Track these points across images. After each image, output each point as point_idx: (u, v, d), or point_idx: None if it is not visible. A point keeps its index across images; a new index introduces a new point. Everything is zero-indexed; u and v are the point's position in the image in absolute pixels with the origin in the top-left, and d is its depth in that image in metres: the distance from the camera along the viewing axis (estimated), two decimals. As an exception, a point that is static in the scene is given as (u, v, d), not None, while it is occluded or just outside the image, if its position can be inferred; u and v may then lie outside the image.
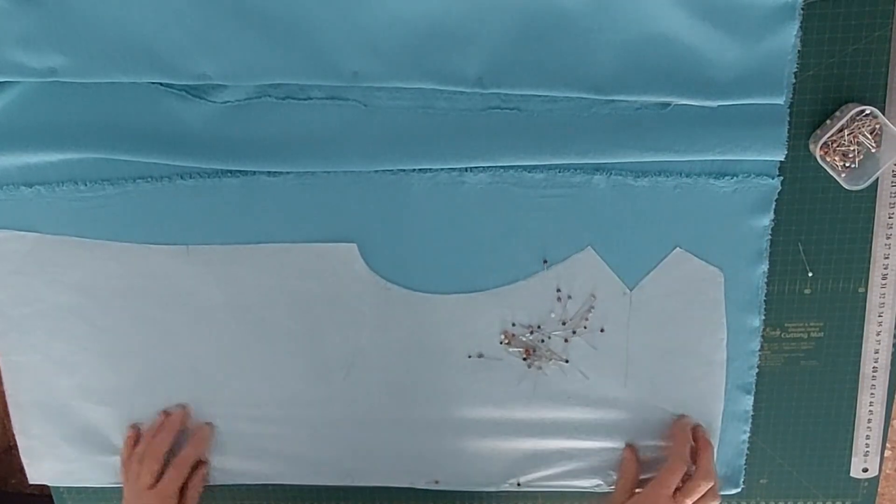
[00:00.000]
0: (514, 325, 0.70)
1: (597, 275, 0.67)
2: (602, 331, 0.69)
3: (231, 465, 0.77)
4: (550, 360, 0.71)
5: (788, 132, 0.62)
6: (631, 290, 0.68)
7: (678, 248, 0.66)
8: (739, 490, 0.75)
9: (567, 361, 0.71)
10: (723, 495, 0.75)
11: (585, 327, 0.69)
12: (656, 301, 0.68)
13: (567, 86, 0.60)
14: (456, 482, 0.76)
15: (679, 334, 0.69)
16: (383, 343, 0.71)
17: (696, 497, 0.65)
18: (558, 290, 0.68)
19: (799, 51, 0.60)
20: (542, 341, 0.70)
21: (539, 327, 0.70)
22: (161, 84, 0.62)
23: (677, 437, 0.69)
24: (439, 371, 0.71)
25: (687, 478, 0.66)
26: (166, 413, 0.74)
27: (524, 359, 0.71)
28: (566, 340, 0.70)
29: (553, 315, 0.69)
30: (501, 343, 0.70)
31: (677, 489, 0.65)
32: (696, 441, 0.70)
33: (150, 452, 0.72)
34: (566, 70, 0.59)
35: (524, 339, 0.70)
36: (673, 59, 0.59)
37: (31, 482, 0.79)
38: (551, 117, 0.62)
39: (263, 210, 0.67)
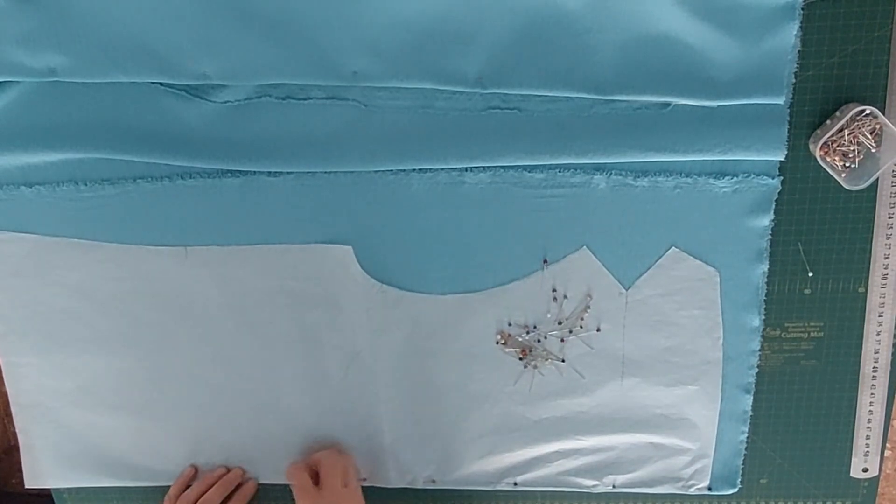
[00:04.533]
0: (510, 325, 0.70)
1: (592, 275, 0.67)
2: (598, 330, 0.69)
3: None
4: (547, 359, 0.71)
5: (788, 132, 0.62)
6: (627, 290, 0.68)
7: (674, 248, 0.66)
8: (737, 490, 0.75)
9: (563, 361, 0.71)
10: (720, 495, 0.75)
11: (581, 327, 0.69)
12: (652, 301, 0.68)
13: (567, 86, 0.60)
14: (453, 482, 0.76)
15: (675, 334, 0.69)
16: (381, 344, 0.71)
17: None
18: (554, 290, 0.68)
19: (799, 51, 0.60)
20: (539, 341, 0.70)
21: (535, 327, 0.70)
22: (161, 84, 0.63)
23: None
24: (436, 372, 0.72)
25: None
26: (227, 468, 0.76)
27: (520, 359, 0.71)
28: (562, 340, 0.70)
29: (549, 315, 0.69)
30: (498, 343, 0.70)
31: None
32: None
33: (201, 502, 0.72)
34: (566, 70, 0.59)
35: (520, 339, 0.70)
36: (673, 59, 0.59)
37: (27, 486, 0.78)
38: (551, 117, 0.62)
39: (262, 211, 0.67)
